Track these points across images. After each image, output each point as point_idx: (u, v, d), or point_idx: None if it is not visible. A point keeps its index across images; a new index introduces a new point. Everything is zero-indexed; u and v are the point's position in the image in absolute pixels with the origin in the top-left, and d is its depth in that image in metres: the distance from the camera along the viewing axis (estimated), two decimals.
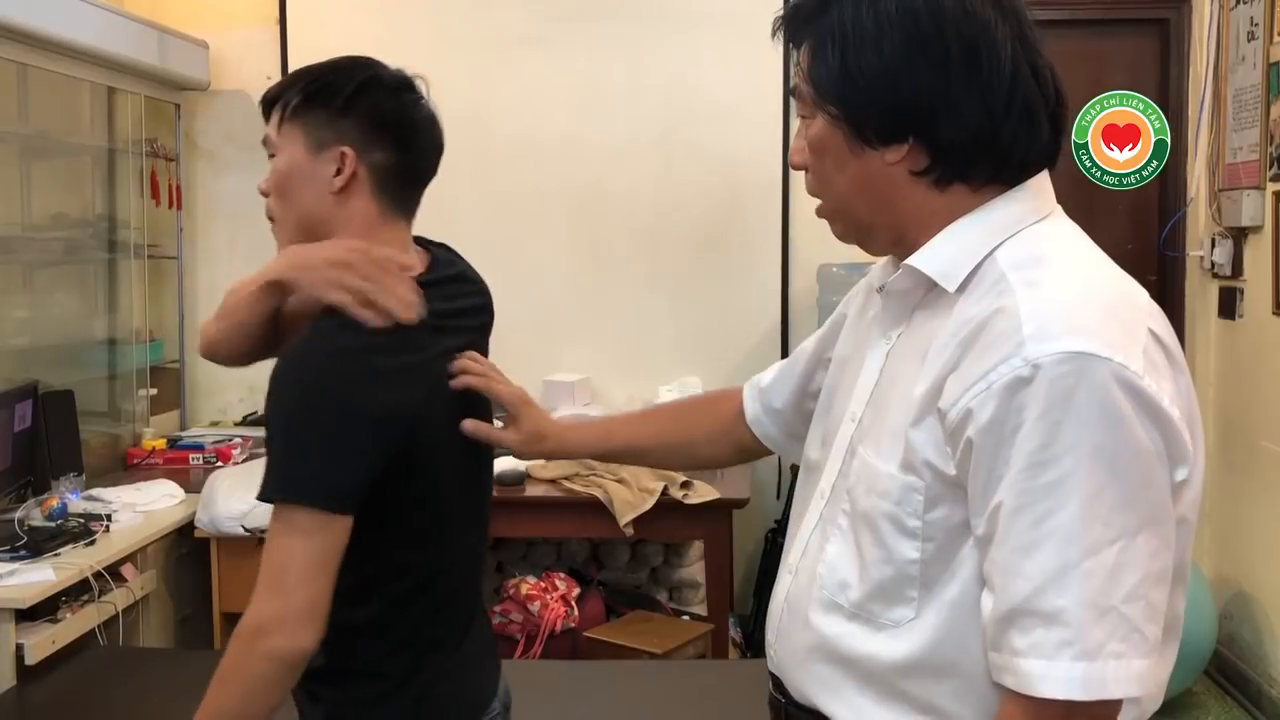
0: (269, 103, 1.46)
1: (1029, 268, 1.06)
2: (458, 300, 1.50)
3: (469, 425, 1.45)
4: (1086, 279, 1.06)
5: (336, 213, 1.42)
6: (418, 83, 1.47)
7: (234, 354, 1.51)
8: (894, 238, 1.15)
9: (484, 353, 1.56)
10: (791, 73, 1.17)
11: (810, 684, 1.18)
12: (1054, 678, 0.97)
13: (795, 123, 1.20)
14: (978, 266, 1.09)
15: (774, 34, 1.16)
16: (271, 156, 1.45)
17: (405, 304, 1.36)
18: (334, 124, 1.41)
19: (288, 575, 1.29)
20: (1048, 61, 1.12)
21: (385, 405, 1.33)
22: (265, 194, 1.46)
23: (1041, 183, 1.14)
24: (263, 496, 1.31)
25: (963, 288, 1.09)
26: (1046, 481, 0.97)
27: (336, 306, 1.34)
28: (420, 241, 1.53)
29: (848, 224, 1.18)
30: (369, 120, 1.42)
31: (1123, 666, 0.97)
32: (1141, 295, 1.08)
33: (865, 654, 1.11)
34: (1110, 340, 0.98)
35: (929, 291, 1.12)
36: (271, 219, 1.48)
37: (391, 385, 1.34)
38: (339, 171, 1.41)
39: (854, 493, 1.13)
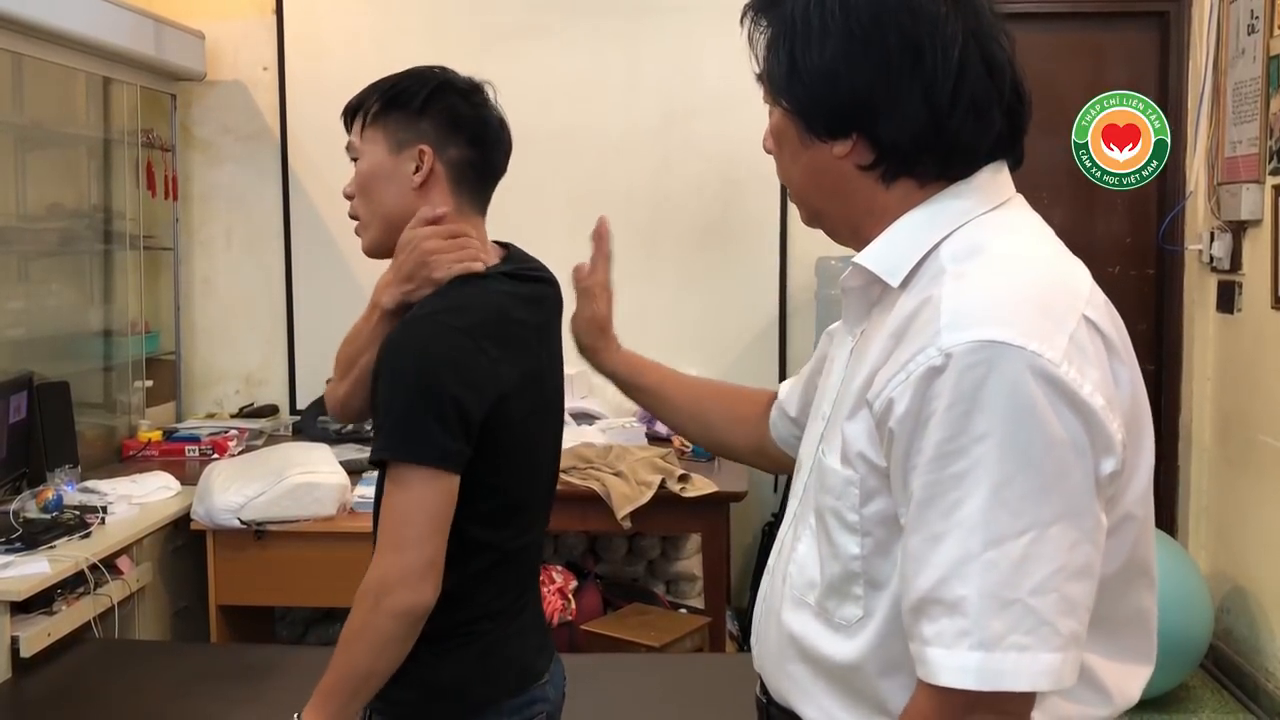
0: (351, 112, 1.59)
1: (965, 259, 1.05)
2: (532, 289, 1.62)
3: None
4: (1017, 266, 1.05)
5: (415, 205, 1.55)
6: (486, 88, 1.60)
7: (368, 400, 1.58)
8: (849, 229, 1.16)
9: (558, 339, 1.68)
10: (751, 62, 1.18)
11: (784, 683, 1.18)
12: (951, 667, 0.97)
13: None
14: (922, 261, 1.09)
15: (742, 20, 1.17)
16: (355, 162, 1.58)
17: (473, 256, 1.52)
18: (412, 125, 1.54)
19: (408, 532, 1.39)
20: (1008, 54, 1.11)
21: (488, 380, 1.46)
22: (349, 196, 1.60)
23: (992, 173, 1.13)
24: (377, 456, 1.42)
25: (906, 283, 1.09)
26: (955, 471, 0.96)
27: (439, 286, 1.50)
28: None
29: (809, 211, 1.21)
30: (444, 120, 1.55)
31: (1026, 659, 0.95)
32: (1083, 283, 1.06)
33: (826, 653, 1.12)
34: (1027, 328, 0.97)
35: (884, 289, 1.13)
36: (355, 218, 1.60)
37: (494, 364, 1.47)
38: (418, 168, 1.53)
39: (816, 490, 1.14)
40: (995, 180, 1.13)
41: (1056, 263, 1.08)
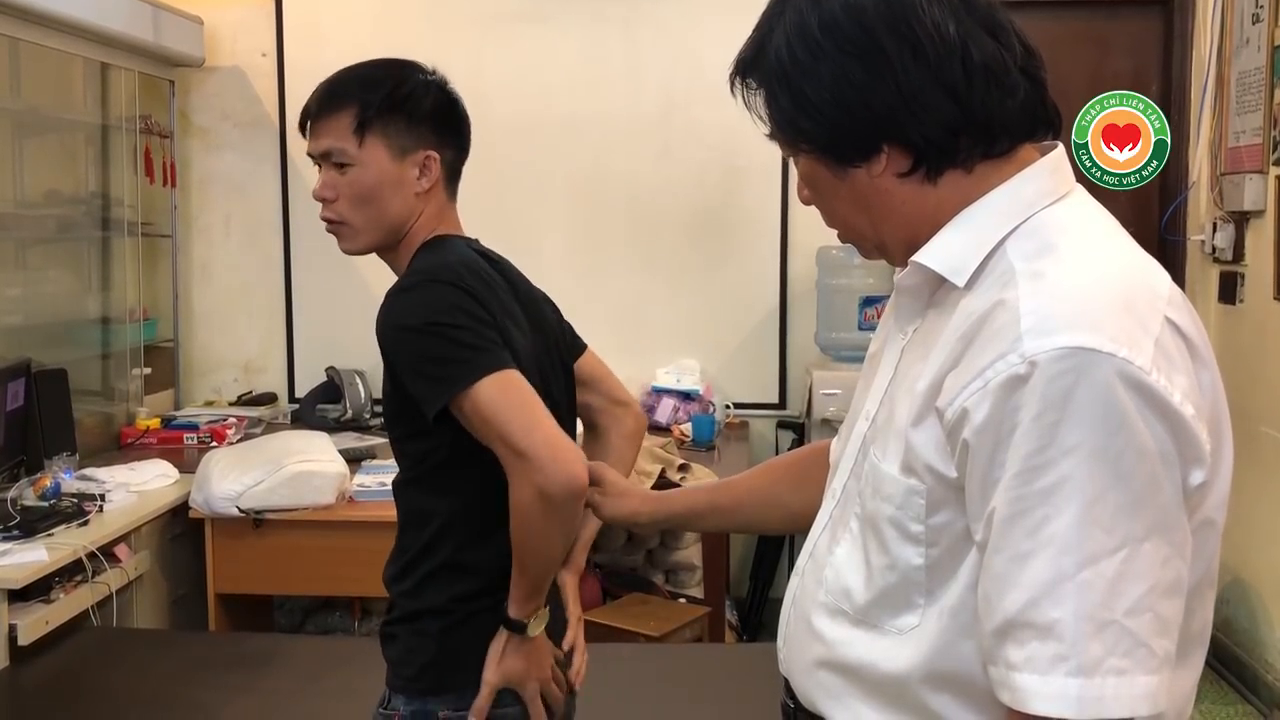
0: (317, 114, 1.56)
1: (1037, 257, 1.01)
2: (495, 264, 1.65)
3: None
4: (1097, 267, 1.01)
5: (417, 208, 1.58)
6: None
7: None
8: (907, 245, 1.11)
9: (539, 302, 1.75)
10: (757, 125, 1.14)
11: (814, 690, 1.15)
12: (1047, 694, 0.92)
13: None
14: (987, 258, 1.04)
15: (732, 90, 1.13)
16: (340, 165, 1.55)
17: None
18: (414, 130, 1.56)
19: (525, 419, 1.38)
20: (1006, 17, 1.07)
21: (490, 313, 1.48)
22: (327, 200, 1.57)
23: (1055, 161, 1.09)
24: (446, 396, 1.40)
25: (971, 281, 1.04)
26: (1043, 486, 0.92)
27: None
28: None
29: (864, 243, 1.16)
30: (440, 123, 1.58)
31: (1125, 684, 0.91)
32: (1163, 283, 1.02)
33: (868, 661, 1.09)
34: (1115, 334, 0.92)
35: (940, 286, 1.08)
36: (339, 222, 1.58)
37: (484, 303, 1.49)
38: (421, 174, 1.56)
39: (863, 495, 1.10)
40: (1060, 168, 1.09)
41: (1135, 261, 1.03)
